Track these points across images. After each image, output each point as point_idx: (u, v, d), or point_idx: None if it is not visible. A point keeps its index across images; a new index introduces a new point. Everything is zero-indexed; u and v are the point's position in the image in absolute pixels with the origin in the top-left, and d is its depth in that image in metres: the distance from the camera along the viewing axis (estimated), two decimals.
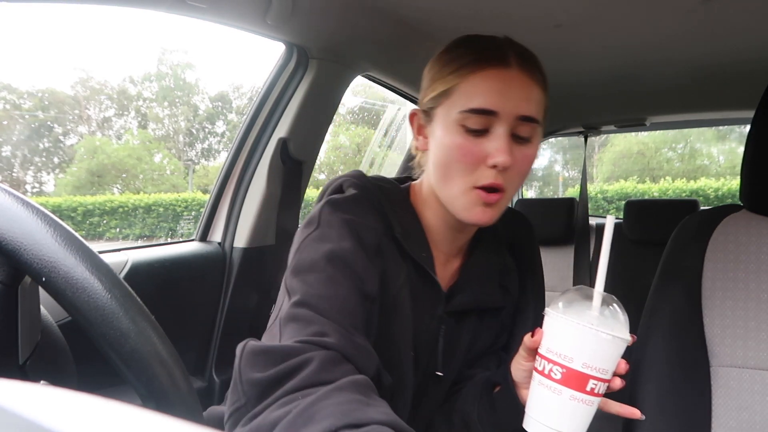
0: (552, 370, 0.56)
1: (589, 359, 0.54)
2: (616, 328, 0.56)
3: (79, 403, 0.24)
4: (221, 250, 1.35)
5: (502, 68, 0.67)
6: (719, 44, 1.31)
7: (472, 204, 0.69)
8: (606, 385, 0.56)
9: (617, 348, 0.55)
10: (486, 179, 0.67)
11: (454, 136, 0.68)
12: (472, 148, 0.67)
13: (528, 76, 0.68)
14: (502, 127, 0.66)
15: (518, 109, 0.66)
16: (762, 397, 0.82)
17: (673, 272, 0.91)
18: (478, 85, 0.67)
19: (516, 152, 0.68)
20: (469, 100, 0.67)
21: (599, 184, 14.85)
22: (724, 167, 16.53)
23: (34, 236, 0.42)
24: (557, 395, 0.55)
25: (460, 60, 0.69)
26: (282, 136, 1.31)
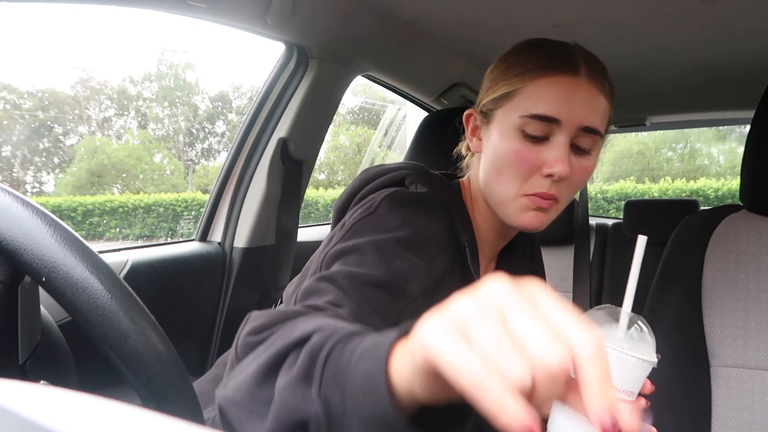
0: None
1: (617, 382, 0.53)
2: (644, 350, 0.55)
3: (79, 403, 0.24)
4: (221, 250, 1.35)
5: (571, 75, 0.65)
6: (719, 44, 1.30)
7: (522, 209, 0.67)
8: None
9: (644, 370, 0.55)
10: (539, 188, 0.65)
11: (511, 140, 0.66)
12: (528, 155, 0.65)
13: (596, 86, 0.66)
14: (563, 136, 0.64)
15: (582, 120, 0.64)
16: (762, 397, 0.82)
17: (673, 272, 0.91)
18: (544, 90, 0.64)
19: (574, 163, 0.66)
20: (532, 105, 0.64)
21: (599, 184, 14.85)
22: (724, 167, 16.53)
23: (34, 236, 0.42)
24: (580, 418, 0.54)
25: (527, 63, 0.67)
26: (282, 136, 1.31)
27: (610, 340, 0.54)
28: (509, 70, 0.68)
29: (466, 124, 0.76)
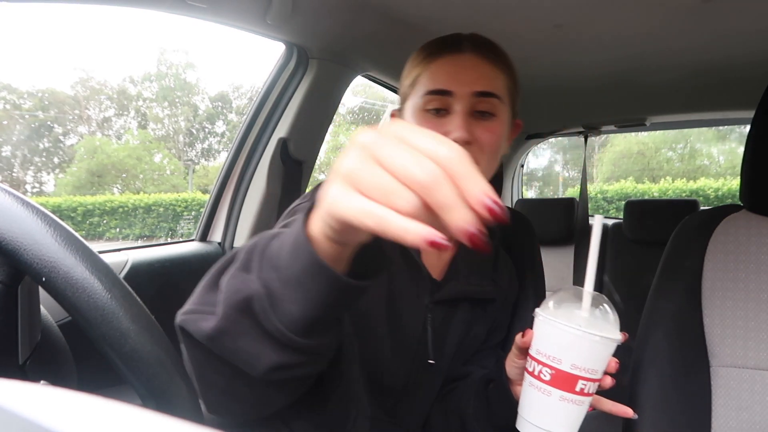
0: (541, 372, 0.56)
1: (578, 360, 0.55)
2: (605, 328, 0.56)
3: (79, 403, 0.24)
4: (221, 250, 1.35)
5: (455, 54, 0.73)
6: (720, 44, 1.31)
7: None
8: (596, 384, 0.57)
9: (606, 348, 0.56)
10: None
11: (418, 119, 0.74)
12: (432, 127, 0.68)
13: (481, 58, 0.74)
14: (459, 105, 0.71)
15: (472, 86, 0.71)
16: (762, 397, 0.82)
17: (673, 272, 0.91)
18: (435, 71, 0.73)
19: (477, 127, 0.72)
20: (427, 84, 0.73)
21: (599, 184, 14.85)
22: (724, 167, 16.53)
23: (34, 236, 0.42)
24: (547, 396, 0.56)
25: (421, 55, 0.76)
26: (282, 136, 1.31)
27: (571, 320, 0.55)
28: (409, 65, 0.78)
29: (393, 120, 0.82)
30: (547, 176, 19.79)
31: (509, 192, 2.53)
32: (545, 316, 0.56)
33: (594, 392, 0.57)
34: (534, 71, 1.58)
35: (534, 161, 19.28)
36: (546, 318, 0.56)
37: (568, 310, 0.57)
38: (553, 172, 19.97)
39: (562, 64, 1.50)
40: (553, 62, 1.49)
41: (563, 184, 18.99)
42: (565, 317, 0.56)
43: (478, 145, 0.72)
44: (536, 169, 18.94)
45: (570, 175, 19.18)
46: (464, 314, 0.81)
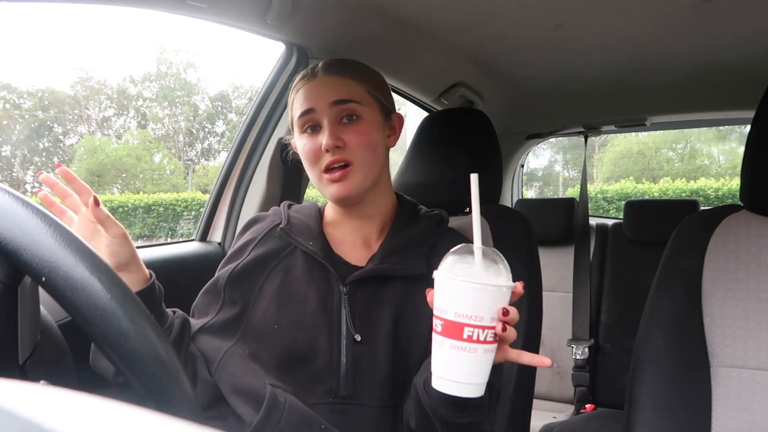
0: (436, 325, 0.61)
1: (459, 308, 0.58)
2: (490, 278, 0.60)
3: (79, 403, 0.24)
4: (221, 250, 1.35)
5: (309, 80, 0.87)
6: (720, 44, 1.31)
7: (326, 186, 0.85)
8: (490, 332, 0.59)
9: (487, 295, 0.58)
10: (324, 162, 0.83)
11: (299, 139, 0.87)
12: (310, 143, 0.85)
13: (332, 76, 0.86)
14: (324, 118, 0.83)
15: (327, 98, 0.83)
16: (762, 397, 0.82)
17: (673, 272, 0.91)
18: (298, 98, 0.87)
19: (346, 132, 0.83)
20: (296, 110, 0.87)
21: (599, 184, 14.85)
22: (724, 167, 16.52)
23: (34, 236, 0.42)
24: (441, 346, 0.60)
25: (292, 93, 0.90)
26: (282, 136, 1.31)
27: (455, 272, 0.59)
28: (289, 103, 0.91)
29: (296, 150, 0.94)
30: (547, 176, 19.79)
31: (509, 192, 2.53)
32: (436, 273, 0.61)
33: (488, 340, 0.59)
34: (534, 71, 1.59)
35: (534, 161, 19.30)
36: (436, 274, 0.61)
37: (462, 265, 0.61)
38: (553, 172, 19.97)
39: (562, 64, 1.50)
40: (554, 62, 1.49)
41: (563, 184, 18.98)
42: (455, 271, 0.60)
43: (350, 147, 0.83)
44: (536, 169, 18.94)
45: (570, 175, 19.17)
46: (396, 292, 0.85)
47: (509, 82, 1.74)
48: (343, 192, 0.83)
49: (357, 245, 0.91)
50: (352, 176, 0.84)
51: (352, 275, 0.85)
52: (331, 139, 0.81)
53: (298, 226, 0.89)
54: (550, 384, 2.14)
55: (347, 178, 0.84)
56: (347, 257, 0.89)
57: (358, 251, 0.90)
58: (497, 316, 0.59)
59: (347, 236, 0.91)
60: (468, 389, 0.60)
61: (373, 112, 0.87)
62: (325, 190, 0.86)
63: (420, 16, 1.20)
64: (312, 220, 0.91)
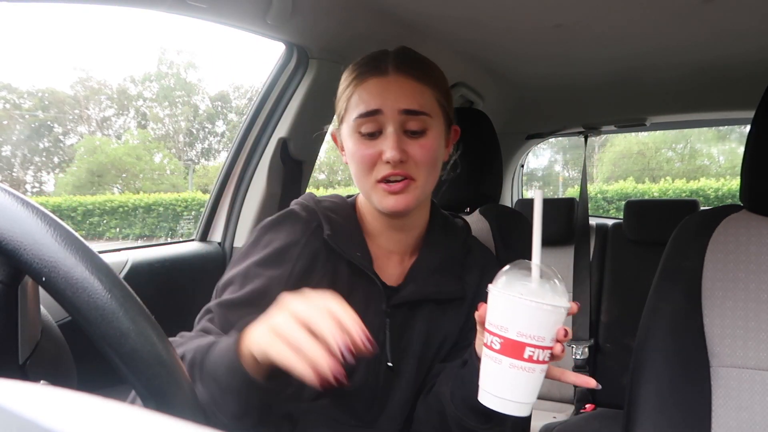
0: (493, 342, 0.59)
1: (523, 328, 0.57)
2: (547, 296, 0.59)
3: (79, 403, 0.24)
4: (221, 250, 1.35)
5: (380, 76, 0.77)
6: (720, 44, 1.31)
7: (381, 196, 0.77)
8: (547, 352, 0.59)
9: (550, 315, 0.58)
10: (383, 171, 0.76)
11: (354, 142, 0.78)
12: (368, 150, 0.76)
13: (405, 77, 0.77)
14: (390, 125, 0.75)
15: (399, 105, 0.75)
16: (762, 397, 0.82)
17: (673, 272, 0.91)
18: (362, 95, 0.77)
19: (410, 145, 0.76)
20: (357, 108, 0.77)
21: (599, 184, 14.84)
22: (724, 167, 16.52)
23: (34, 236, 0.42)
24: (498, 365, 0.59)
25: (349, 79, 0.80)
26: (282, 136, 1.31)
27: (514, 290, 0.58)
28: (342, 86, 0.82)
29: (336, 143, 0.87)
30: (547, 176, 19.78)
31: (509, 192, 2.53)
32: (493, 288, 0.60)
33: (545, 360, 0.59)
34: (534, 71, 1.59)
35: (534, 161, 19.29)
36: (494, 290, 0.60)
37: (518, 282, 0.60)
38: (553, 172, 19.96)
39: (562, 64, 1.50)
40: (554, 62, 1.49)
41: (563, 184, 18.98)
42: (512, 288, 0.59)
43: (413, 162, 0.76)
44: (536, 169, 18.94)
45: (570, 175, 19.17)
46: (427, 315, 0.83)
47: (509, 82, 1.74)
48: (402, 205, 0.77)
49: (392, 259, 0.86)
50: (413, 190, 0.77)
51: (396, 297, 0.81)
52: (397, 153, 0.74)
53: (341, 233, 0.81)
54: (550, 384, 2.14)
55: (407, 192, 0.77)
56: (382, 272, 0.83)
57: (393, 266, 0.85)
58: (556, 336, 0.59)
59: (383, 247, 0.85)
60: (518, 408, 0.59)
61: (440, 125, 0.80)
62: (380, 200, 0.78)
63: (420, 16, 1.20)
64: (353, 226, 0.84)
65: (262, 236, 0.80)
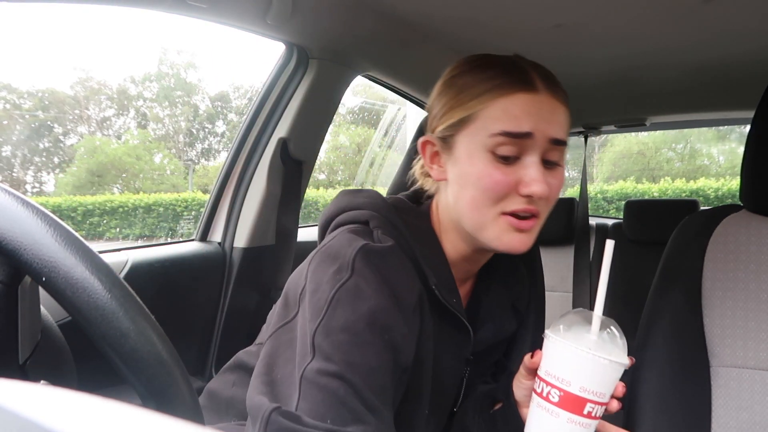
0: (550, 393, 0.56)
1: (587, 383, 0.55)
2: (614, 352, 0.56)
3: (79, 403, 0.24)
4: (221, 250, 1.35)
5: (531, 92, 0.64)
6: (720, 44, 1.30)
7: (504, 231, 0.65)
8: (603, 408, 0.57)
9: (614, 372, 0.56)
10: (517, 205, 0.64)
11: (483, 163, 0.64)
12: (502, 177, 0.63)
13: (555, 98, 0.66)
14: (536, 153, 0.63)
15: (550, 133, 0.64)
16: (762, 397, 0.82)
17: (673, 272, 0.91)
18: (509, 109, 0.63)
19: (549, 178, 0.65)
20: (500, 123, 0.63)
21: (599, 184, 14.83)
22: (724, 167, 16.51)
23: (34, 236, 0.42)
24: (555, 418, 0.56)
25: (481, 85, 0.65)
26: (282, 136, 1.31)
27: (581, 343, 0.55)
28: (462, 94, 0.67)
29: (423, 151, 0.73)
30: None
31: None
32: (556, 338, 0.56)
33: (600, 416, 0.57)
34: None
35: None
36: (556, 339, 0.56)
37: (578, 332, 0.57)
38: None
39: (562, 64, 1.50)
40: (553, 62, 1.49)
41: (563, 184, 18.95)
42: (575, 339, 0.56)
43: (546, 197, 0.65)
44: None
45: (570, 175, 19.17)
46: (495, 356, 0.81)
47: None
48: (524, 246, 0.65)
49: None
50: (536, 229, 0.67)
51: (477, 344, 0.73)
52: (545, 188, 0.62)
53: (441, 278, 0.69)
54: None
55: (533, 230, 0.66)
56: None
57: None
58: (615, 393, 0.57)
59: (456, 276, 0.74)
60: None
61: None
62: (500, 235, 0.65)
63: (420, 16, 1.20)
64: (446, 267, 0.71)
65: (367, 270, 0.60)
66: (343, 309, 0.57)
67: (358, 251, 0.61)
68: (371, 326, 0.56)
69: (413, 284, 0.64)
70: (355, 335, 0.56)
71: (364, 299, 0.58)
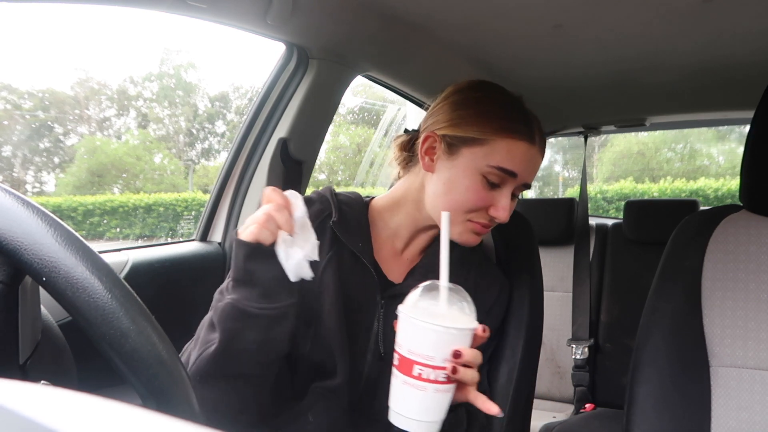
0: (394, 358, 0.61)
1: (411, 346, 0.59)
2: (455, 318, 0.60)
3: (79, 403, 0.24)
4: (221, 250, 1.35)
5: (530, 143, 0.81)
6: (719, 44, 1.31)
7: (465, 231, 0.82)
8: (441, 372, 0.59)
9: (439, 336, 0.58)
10: (482, 219, 0.82)
11: (473, 181, 0.80)
12: (483, 196, 0.80)
13: (540, 152, 0.83)
14: (510, 188, 0.81)
15: (528, 178, 0.82)
16: (762, 397, 0.82)
17: (673, 272, 0.91)
18: (512, 150, 0.79)
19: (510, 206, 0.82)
20: (501, 160, 0.79)
21: (599, 184, 14.84)
22: (724, 167, 16.50)
23: (34, 236, 0.42)
24: (395, 379, 0.61)
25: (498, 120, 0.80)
26: (282, 136, 1.31)
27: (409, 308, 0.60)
28: (481, 118, 0.81)
29: (423, 142, 0.85)
30: (547, 176, 19.78)
31: None
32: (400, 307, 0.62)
33: (439, 380, 0.59)
34: (534, 71, 1.58)
35: None
36: (399, 309, 0.61)
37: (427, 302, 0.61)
38: (553, 172, 19.97)
39: (561, 64, 1.50)
40: (553, 62, 1.49)
41: (563, 184, 18.98)
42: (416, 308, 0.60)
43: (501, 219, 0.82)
44: None
45: (570, 175, 19.16)
46: None
47: (509, 82, 1.74)
48: (475, 242, 0.85)
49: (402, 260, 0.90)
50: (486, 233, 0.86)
51: (392, 289, 0.85)
52: (507, 216, 0.81)
53: (347, 223, 0.85)
54: (550, 384, 2.14)
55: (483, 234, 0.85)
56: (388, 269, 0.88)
57: (401, 265, 0.90)
58: (450, 357, 0.59)
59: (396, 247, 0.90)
60: (419, 426, 0.60)
61: None
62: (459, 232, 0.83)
63: (420, 16, 1.20)
64: (362, 220, 0.88)
65: None
66: None
67: None
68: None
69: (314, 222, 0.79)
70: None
71: None
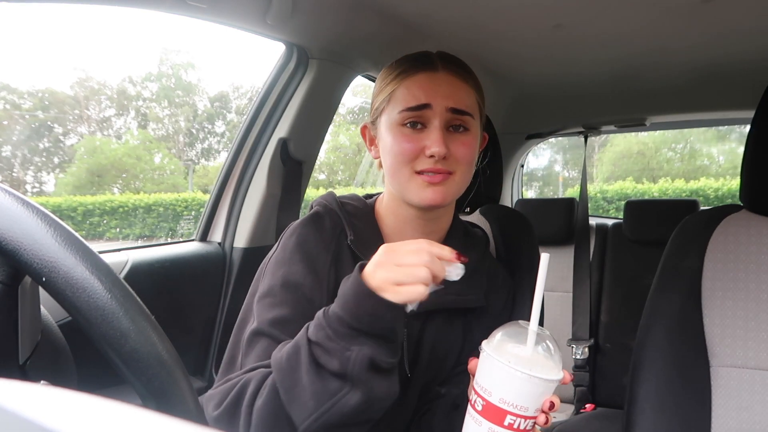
0: (476, 402, 0.58)
1: (506, 395, 0.56)
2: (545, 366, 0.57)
3: (79, 403, 0.24)
4: (221, 250, 1.35)
5: (430, 71, 0.77)
6: (719, 44, 1.31)
7: (419, 187, 0.76)
8: (531, 422, 0.57)
9: (536, 387, 0.56)
10: (425, 165, 0.75)
11: (396, 135, 0.77)
12: (410, 141, 0.76)
13: (454, 76, 0.78)
14: (437, 120, 0.75)
15: (448, 102, 0.76)
16: (762, 397, 0.82)
17: (673, 272, 0.91)
18: (412, 87, 0.77)
19: (453, 142, 0.76)
20: (405, 101, 0.76)
21: (599, 184, 14.84)
22: (724, 167, 16.51)
23: (34, 236, 0.42)
24: (478, 426, 0.58)
25: (395, 71, 0.80)
26: (282, 136, 1.31)
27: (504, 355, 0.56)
28: (383, 81, 0.81)
29: (364, 137, 0.85)
30: (547, 176, 19.78)
31: (509, 192, 2.53)
32: (485, 349, 0.59)
33: (528, 429, 0.57)
34: (534, 71, 1.59)
35: (534, 161, 19.28)
36: (486, 350, 0.58)
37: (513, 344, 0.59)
38: (553, 172, 19.96)
39: (561, 64, 1.50)
40: (553, 62, 1.49)
41: (563, 184, 18.97)
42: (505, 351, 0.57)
43: (454, 158, 0.76)
44: (536, 169, 18.93)
45: (570, 175, 19.16)
46: (438, 324, 0.82)
47: (509, 82, 1.74)
48: (439, 198, 0.76)
49: None
50: (451, 185, 0.77)
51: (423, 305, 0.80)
52: (442, 148, 0.74)
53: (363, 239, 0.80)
54: None
55: (446, 185, 0.77)
56: None
57: None
58: (542, 407, 0.57)
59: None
60: None
61: (477, 128, 0.81)
62: (417, 191, 0.76)
63: (420, 17, 1.20)
64: (374, 230, 0.83)
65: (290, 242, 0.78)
66: (267, 277, 0.76)
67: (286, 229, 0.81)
68: (284, 287, 0.74)
69: (329, 245, 0.79)
70: (273, 296, 0.74)
71: (281, 266, 0.76)
